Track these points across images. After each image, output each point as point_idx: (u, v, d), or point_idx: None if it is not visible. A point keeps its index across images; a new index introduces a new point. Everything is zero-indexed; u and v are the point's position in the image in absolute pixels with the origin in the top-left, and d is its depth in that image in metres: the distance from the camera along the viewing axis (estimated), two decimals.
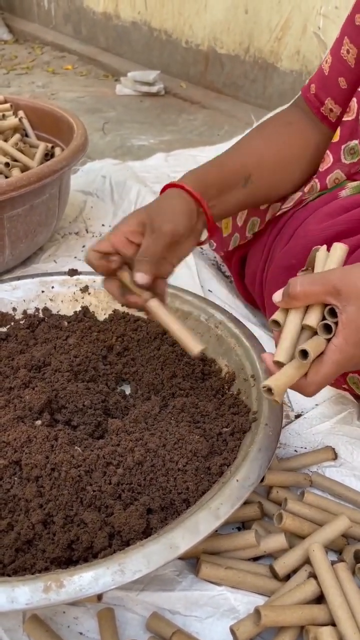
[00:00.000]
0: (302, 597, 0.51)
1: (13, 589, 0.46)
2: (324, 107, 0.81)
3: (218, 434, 0.65)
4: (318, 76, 0.81)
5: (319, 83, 0.81)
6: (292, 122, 0.83)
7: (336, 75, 0.78)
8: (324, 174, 0.80)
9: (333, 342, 0.50)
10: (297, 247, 0.79)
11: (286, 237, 0.83)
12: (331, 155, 0.79)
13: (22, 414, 0.66)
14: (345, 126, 0.77)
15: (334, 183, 0.80)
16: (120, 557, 0.48)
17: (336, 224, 0.76)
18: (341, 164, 0.79)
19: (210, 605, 0.53)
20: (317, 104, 0.82)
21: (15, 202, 0.92)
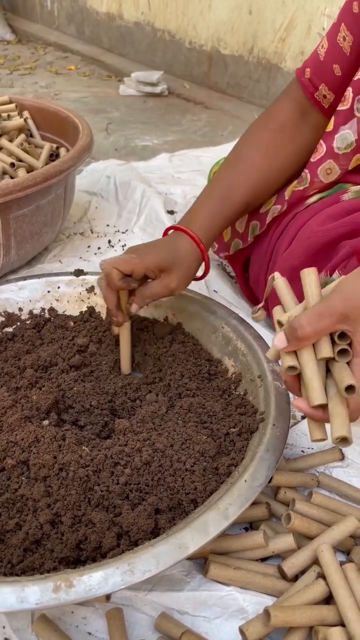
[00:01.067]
0: (311, 597, 0.51)
1: (23, 588, 0.46)
2: (318, 92, 0.80)
3: (225, 434, 0.65)
4: (313, 60, 0.81)
5: (314, 68, 0.80)
6: (284, 125, 0.83)
7: (331, 62, 0.77)
8: (316, 165, 0.80)
9: (356, 363, 0.49)
10: (299, 249, 0.79)
11: (288, 239, 0.83)
12: (324, 145, 0.79)
13: (29, 413, 0.66)
14: (340, 115, 0.76)
15: (325, 173, 0.80)
16: (129, 557, 0.48)
17: (339, 226, 0.76)
18: (334, 154, 0.78)
19: (218, 605, 0.53)
20: (311, 89, 0.81)
21: (21, 203, 0.92)
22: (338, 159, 0.79)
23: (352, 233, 0.75)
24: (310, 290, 0.53)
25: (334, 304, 0.49)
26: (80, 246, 1.15)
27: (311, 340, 0.50)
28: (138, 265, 0.72)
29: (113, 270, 0.72)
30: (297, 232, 0.82)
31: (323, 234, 0.76)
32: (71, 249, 1.15)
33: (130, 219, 1.24)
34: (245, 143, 0.85)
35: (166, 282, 0.74)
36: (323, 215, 0.79)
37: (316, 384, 0.49)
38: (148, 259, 0.73)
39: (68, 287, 0.91)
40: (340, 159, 0.78)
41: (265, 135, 0.84)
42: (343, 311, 0.48)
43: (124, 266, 0.72)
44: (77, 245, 1.16)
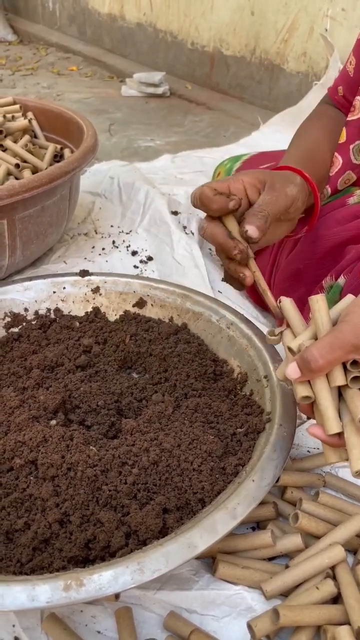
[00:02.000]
0: (320, 597, 0.51)
1: (34, 587, 0.46)
2: (353, 106, 0.81)
3: (232, 434, 0.65)
4: (343, 78, 0.82)
5: (345, 85, 0.82)
6: (333, 116, 0.84)
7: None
8: (335, 178, 0.80)
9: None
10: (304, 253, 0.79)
11: (293, 242, 0.83)
12: (340, 157, 0.79)
13: (37, 413, 0.66)
14: (351, 125, 0.77)
15: (343, 183, 0.80)
16: (139, 556, 0.49)
17: (345, 230, 0.76)
18: (352, 164, 0.79)
19: (227, 604, 0.53)
20: (347, 105, 0.82)
21: (27, 203, 0.92)
22: (355, 169, 0.79)
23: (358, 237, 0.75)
24: (320, 318, 0.52)
25: (345, 335, 0.48)
26: (85, 247, 1.16)
27: (324, 372, 0.50)
28: (234, 181, 0.60)
29: (204, 187, 0.58)
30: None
31: (328, 238, 0.76)
32: (75, 249, 1.15)
33: (134, 219, 1.25)
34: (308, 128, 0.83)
35: (272, 186, 0.61)
36: (329, 219, 0.79)
37: (331, 413, 0.49)
38: (244, 175, 0.61)
39: (73, 288, 0.91)
40: (357, 168, 0.79)
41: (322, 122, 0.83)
42: (355, 342, 0.48)
43: (216, 183, 0.59)
44: (81, 246, 1.16)
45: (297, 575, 0.53)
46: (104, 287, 0.91)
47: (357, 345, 0.48)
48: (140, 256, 1.13)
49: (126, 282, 0.91)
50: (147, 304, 0.89)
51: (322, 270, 0.76)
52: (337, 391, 0.51)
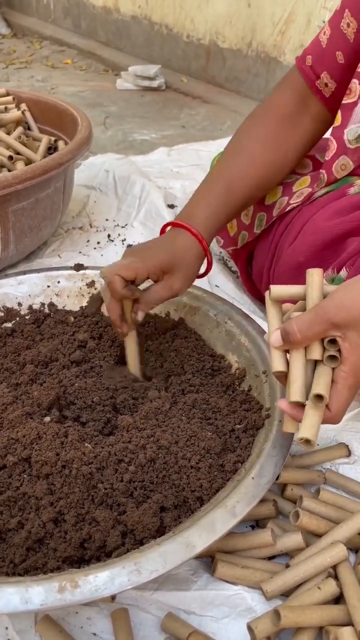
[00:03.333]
0: (322, 597, 0.50)
1: (27, 589, 0.45)
2: (319, 81, 0.78)
3: (231, 430, 0.64)
4: (314, 47, 0.78)
5: (316, 55, 0.78)
6: (284, 116, 0.81)
7: (334, 49, 0.75)
8: (330, 163, 0.78)
9: (342, 370, 0.51)
10: (304, 245, 0.77)
11: (293, 234, 0.82)
12: (335, 141, 0.77)
13: (30, 410, 0.65)
14: (346, 109, 0.75)
15: (340, 169, 0.79)
16: (136, 556, 0.47)
17: (346, 221, 0.74)
18: (345, 149, 0.77)
19: (226, 605, 0.52)
20: (312, 77, 0.79)
21: (20, 196, 0.90)
22: (350, 154, 0.77)
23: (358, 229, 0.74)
24: (311, 292, 0.54)
25: (326, 311, 0.50)
26: (80, 240, 1.14)
27: (302, 345, 0.52)
28: (140, 269, 0.70)
29: (115, 277, 0.68)
30: (303, 227, 0.80)
31: (329, 229, 0.75)
32: (70, 243, 1.13)
33: (130, 213, 1.23)
34: (245, 135, 0.83)
35: (170, 283, 0.72)
36: (329, 210, 0.77)
37: (298, 383, 0.51)
38: (150, 262, 0.70)
39: (68, 282, 0.89)
40: (350, 153, 0.77)
41: (265, 127, 0.82)
42: (333, 319, 0.49)
43: (126, 272, 0.69)
44: (76, 240, 1.14)
45: (298, 575, 0.52)
46: (100, 281, 0.89)
47: (336, 323, 0.49)
48: None
49: None
50: None
51: (323, 262, 0.74)
52: (314, 368, 0.52)
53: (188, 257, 0.74)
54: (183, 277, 0.73)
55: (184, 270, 0.73)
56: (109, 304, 0.72)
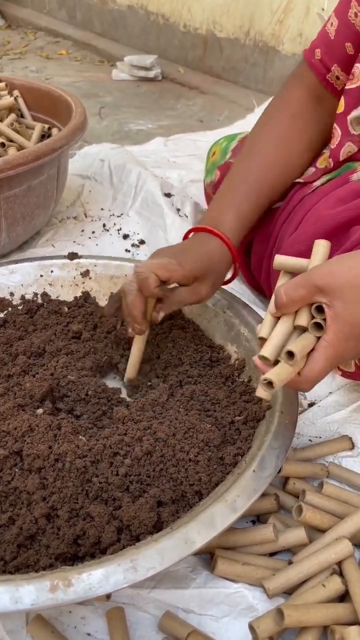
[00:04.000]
0: (326, 595, 0.48)
1: (17, 588, 0.43)
2: (330, 74, 0.76)
3: (230, 422, 0.62)
4: (322, 40, 0.76)
5: (324, 47, 0.76)
6: (298, 114, 0.79)
7: (343, 40, 0.73)
8: (336, 150, 0.76)
9: (324, 339, 0.50)
10: (307, 234, 0.75)
11: (295, 223, 0.80)
12: (339, 128, 0.75)
13: (22, 402, 0.62)
14: (349, 94, 0.73)
15: (347, 155, 0.77)
16: (132, 553, 0.45)
17: (349, 209, 0.72)
18: (350, 135, 0.75)
19: (226, 603, 0.50)
20: (323, 71, 0.77)
21: (12, 182, 0.88)
22: (355, 140, 0.75)
23: None
24: (314, 262, 0.53)
25: (312, 276, 0.50)
26: (74, 230, 1.11)
27: (289, 309, 0.51)
28: (177, 272, 0.67)
29: (152, 275, 0.65)
30: (305, 215, 0.78)
31: (332, 217, 0.73)
32: (64, 233, 1.11)
33: (126, 202, 1.20)
34: (259, 137, 0.81)
35: (198, 290, 0.70)
36: (332, 198, 0.75)
37: (274, 342, 0.51)
38: (188, 267, 0.68)
39: (62, 271, 0.87)
40: (356, 139, 0.75)
41: (279, 127, 0.80)
42: (318, 284, 0.49)
43: (163, 272, 0.66)
44: (70, 229, 1.12)
45: (302, 572, 0.49)
46: (94, 271, 0.87)
47: (321, 287, 0.49)
48: (132, 240, 1.09)
49: (117, 265, 0.87)
50: None
51: None
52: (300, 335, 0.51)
53: (219, 264, 0.73)
54: (211, 284, 0.72)
55: (214, 278, 0.72)
56: (133, 299, 0.68)
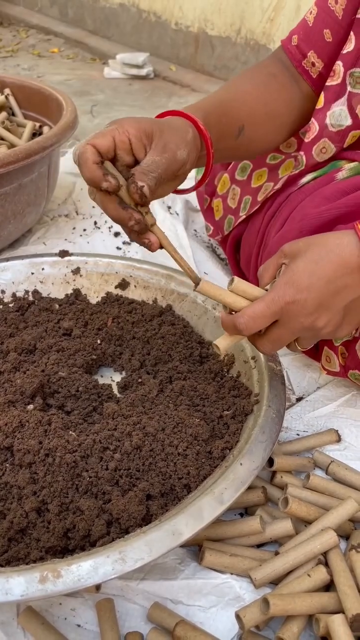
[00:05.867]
0: (311, 584, 0.48)
1: (7, 579, 0.43)
2: (306, 60, 0.76)
3: (219, 417, 0.62)
4: (301, 27, 0.77)
5: (302, 35, 0.76)
6: (275, 74, 0.78)
7: (321, 27, 0.74)
8: (310, 145, 0.76)
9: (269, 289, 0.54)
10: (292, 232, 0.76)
11: (280, 221, 0.80)
12: (316, 123, 0.75)
13: (13, 398, 0.63)
14: (330, 91, 0.73)
15: (320, 152, 0.77)
16: (120, 545, 0.46)
17: (334, 207, 0.73)
18: (328, 132, 0.75)
19: (214, 594, 0.50)
20: (298, 57, 0.77)
21: (3, 180, 0.88)
22: (332, 137, 0.75)
23: (348, 215, 0.72)
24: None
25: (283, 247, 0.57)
26: (65, 228, 1.12)
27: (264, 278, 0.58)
28: (118, 134, 0.53)
29: (87, 147, 0.52)
30: (290, 213, 0.79)
31: (317, 216, 0.73)
32: (56, 230, 1.11)
33: None
34: (236, 78, 0.78)
35: (162, 144, 0.55)
36: (317, 197, 0.76)
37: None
38: (127, 125, 0.54)
39: (53, 269, 0.87)
40: (334, 136, 0.75)
41: (257, 75, 0.78)
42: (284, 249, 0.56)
43: (101, 139, 0.53)
44: (61, 227, 1.12)
45: (288, 562, 0.50)
46: (85, 268, 0.87)
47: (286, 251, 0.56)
48: (123, 237, 1.09)
49: (108, 262, 0.87)
50: (130, 285, 0.86)
51: None
52: None
53: (180, 127, 0.59)
54: (177, 138, 0.57)
55: (177, 133, 0.57)
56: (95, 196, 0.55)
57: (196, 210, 1.18)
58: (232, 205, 0.90)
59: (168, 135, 0.56)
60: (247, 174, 0.89)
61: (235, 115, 0.70)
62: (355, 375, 0.68)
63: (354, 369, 0.68)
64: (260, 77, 0.77)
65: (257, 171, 0.87)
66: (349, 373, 0.69)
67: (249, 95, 0.74)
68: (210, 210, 0.97)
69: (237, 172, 0.90)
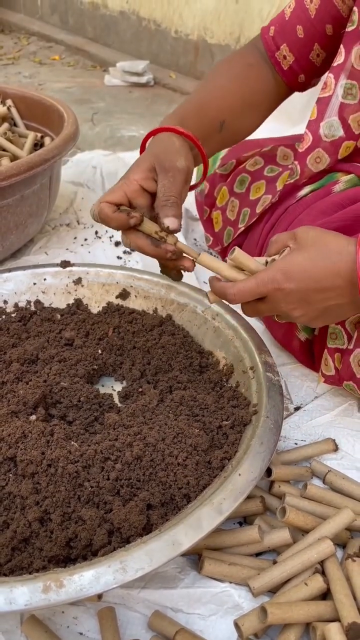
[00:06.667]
0: (308, 593, 0.49)
1: (11, 589, 0.44)
2: (279, 52, 0.79)
3: (218, 427, 0.63)
4: (278, 19, 0.80)
5: (278, 26, 0.79)
6: (252, 64, 0.81)
7: (295, 22, 0.77)
8: (304, 155, 0.78)
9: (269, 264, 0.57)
10: None
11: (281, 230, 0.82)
12: (310, 134, 0.77)
13: (16, 408, 0.64)
14: (322, 103, 0.75)
15: (315, 162, 0.79)
16: (121, 554, 0.47)
17: (331, 221, 0.74)
18: (322, 142, 0.77)
19: (213, 602, 0.51)
20: (272, 48, 0.80)
21: (5, 192, 0.89)
22: (326, 148, 0.77)
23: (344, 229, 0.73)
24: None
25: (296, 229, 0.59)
26: (67, 237, 1.13)
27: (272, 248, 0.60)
28: (127, 185, 0.61)
29: (102, 205, 0.60)
30: (288, 226, 0.80)
31: None
32: (57, 240, 1.12)
33: None
34: (212, 73, 0.81)
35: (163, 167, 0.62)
36: (315, 210, 0.77)
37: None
38: (133, 174, 0.62)
39: (54, 279, 0.88)
40: (328, 147, 0.77)
41: (234, 67, 0.81)
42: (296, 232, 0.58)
43: (111, 195, 0.61)
44: (63, 237, 1.13)
45: (285, 571, 0.51)
46: (86, 278, 0.89)
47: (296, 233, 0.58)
48: (123, 247, 1.10)
49: (109, 272, 0.89)
50: (130, 295, 0.87)
51: None
52: None
53: (170, 143, 0.65)
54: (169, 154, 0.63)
55: (166, 151, 0.64)
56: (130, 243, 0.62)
57: (195, 219, 1.19)
58: (231, 217, 0.92)
59: (163, 157, 0.62)
60: (246, 187, 0.90)
61: (215, 113, 0.76)
62: (350, 386, 0.70)
63: (349, 380, 0.69)
64: (238, 69, 0.80)
65: (255, 184, 0.88)
66: (344, 384, 0.70)
67: (227, 91, 0.78)
68: (209, 222, 0.99)
69: (236, 185, 0.92)
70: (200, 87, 0.79)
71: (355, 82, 0.72)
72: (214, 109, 0.76)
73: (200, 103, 0.75)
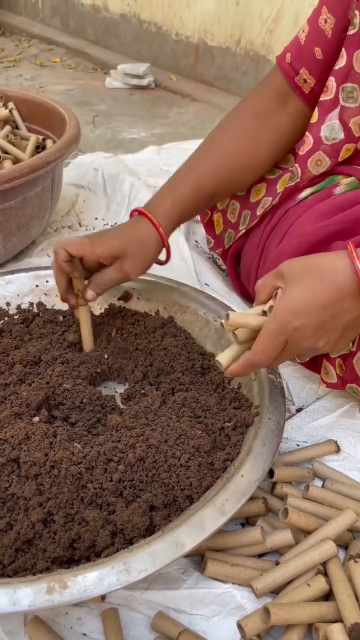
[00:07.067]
0: (311, 594, 0.50)
1: (15, 590, 0.44)
2: (298, 76, 0.79)
3: (220, 428, 0.64)
4: (294, 45, 0.80)
5: (295, 52, 0.79)
6: (260, 113, 0.82)
7: (312, 45, 0.77)
8: (305, 158, 0.79)
9: (270, 314, 0.55)
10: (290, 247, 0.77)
11: (280, 236, 0.82)
12: (311, 137, 0.78)
13: (19, 410, 0.64)
14: (323, 106, 0.76)
15: (315, 165, 0.79)
16: (125, 556, 0.47)
17: (331, 224, 0.74)
18: (323, 145, 0.77)
19: (216, 603, 0.52)
20: (291, 73, 0.80)
21: (7, 195, 0.90)
22: (327, 150, 0.77)
23: (344, 232, 0.73)
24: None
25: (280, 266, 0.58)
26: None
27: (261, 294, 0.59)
28: (88, 252, 0.72)
29: (61, 250, 0.71)
30: (289, 229, 0.80)
31: (313, 232, 0.75)
32: None
33: (119, 211, 1.23)
34: (219, 129, 0.84)
35: (119, 266, 0.74)
36: (315, 212, 0.77)
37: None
38: (99, 248, 0.72)
39: None
40: (329, 150, 0.77)
41: (241, 122, 0.83)
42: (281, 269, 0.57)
43: (72, 248, 0.71)
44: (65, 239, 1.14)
45: (288, 572, 0.52)
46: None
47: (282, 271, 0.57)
48: None
49: None
50: (132, 297, 0.88)
51: None
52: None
53: (144, 242, 0.75)
54: (136, 261, 0.75)
55: (138, 256, 0.75)
56: (56, 277, 0.75)
57: (197, 221, 1.20)
58: (232, 220, 0.92)
59: (130, 260, 0.74)
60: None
61: (209, 189, 0.81)
62: (353, 388, 0.70)
63: (352, 382, 0.69)
64: (246, 123, 0.83)
65: (256, 186, 0.88)
66: (347, 387, 0.71)
67: (228, 154, 0.82)
68: (210, 224, 0.99)
69: None
70: (201, 151, 0.83)
71: (356, 85, 0.72)
72: (209, 184, 0.81)
73: (197, 182, 0.80)
